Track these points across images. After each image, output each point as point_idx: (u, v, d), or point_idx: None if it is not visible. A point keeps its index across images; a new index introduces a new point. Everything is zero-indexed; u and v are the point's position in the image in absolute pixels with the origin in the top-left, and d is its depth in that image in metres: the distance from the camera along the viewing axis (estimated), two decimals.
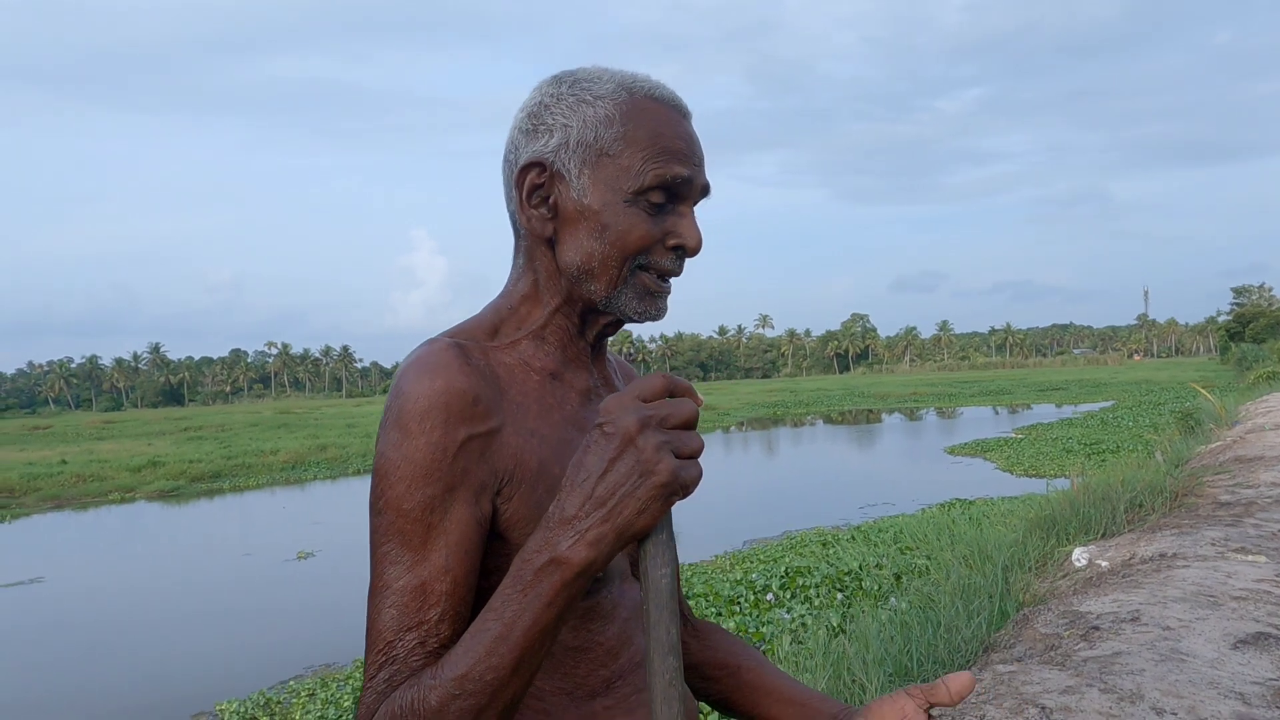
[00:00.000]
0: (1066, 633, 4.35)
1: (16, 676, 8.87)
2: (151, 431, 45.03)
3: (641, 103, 0.92)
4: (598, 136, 0.91)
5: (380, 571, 0.83)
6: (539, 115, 0.93)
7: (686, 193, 0.93)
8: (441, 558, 0.82)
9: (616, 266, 0.91)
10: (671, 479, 0.75)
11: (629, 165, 0.90)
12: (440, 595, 0.82)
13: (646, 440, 0.75)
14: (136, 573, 13.93)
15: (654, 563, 0.80)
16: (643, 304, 0.93)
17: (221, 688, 7.87)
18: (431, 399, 0.83)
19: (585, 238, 0.91)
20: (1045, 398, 47.94)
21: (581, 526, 0.75)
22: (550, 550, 0.76)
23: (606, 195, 0.90)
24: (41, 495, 24.41)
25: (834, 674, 3.98)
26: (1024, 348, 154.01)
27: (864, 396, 56.92)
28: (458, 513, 0.83)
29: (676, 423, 0.77)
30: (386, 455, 0.83)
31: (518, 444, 0.88)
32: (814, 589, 8.06)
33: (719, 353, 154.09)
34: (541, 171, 0.92)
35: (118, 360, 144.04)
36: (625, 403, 0.77)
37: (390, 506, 0.82)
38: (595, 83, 0.93)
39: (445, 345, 0.88)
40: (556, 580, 0.75)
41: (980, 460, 21.00)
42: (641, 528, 0.76)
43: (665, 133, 0.92)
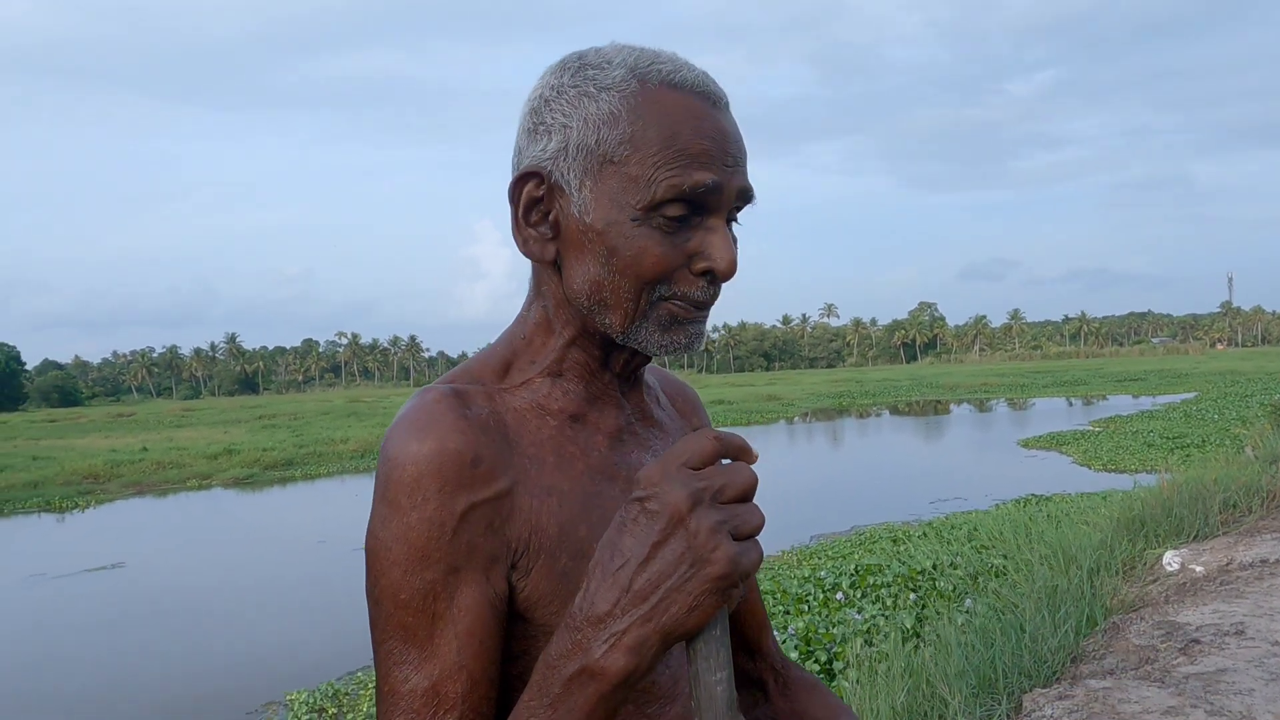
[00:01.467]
0: (1163, 645, 4.09)
1: (97, 659, 9.14)
2: (228, 419, 46.38)
3: (656, 93, 0.74)
4: (600, 139, 0.74)
5: (386, 673, 0.71)
6: (540, 111, 0.78)
7: (715, 203, 0.75)
8: (452, 653, 0.70)
9: (631, 299, 0.75)
10: (730, 569, 0.62)
11: (638, 174, 0.73)
12: (456, 698, 0.70)
13: (700, 521, 0.62)
14: (212, 559, 14.29)
15: (706, 665, 0.67)
16: (667, 336, 0.77)
17: (291, 677, 7.98)
18: (421, 465, 0.70)
19: (591, 264, 0.75)
20: (1122, 389, 46.37)
21: (617, 628, 0.62)
22: (581, 657, 0.63)
23: (611, 213, 0.74)
24: (124, 481, 25.30)
25: (913, 685, 3.79)
26: (1099, 337, 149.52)
27: (932, 387, 55.80)
28: (465, 597, 0.70)
29: (733, 495, 0.64)
30: (376, 536, 0.71)
31: (532, 506, 0.74)
32: (885, 588, 7.83)
33: (783, 342, 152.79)
34: (540, 183, 0.77)
35: (196, 350, 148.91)
36: (671, 472, 0.63)
37: (386, 596, 0.70)
38: (602, 69, 0.76)
39: (438, 396, 0.74)
40: (591, 694, 0.63)
41: (1055, 454, 20.35)
42: (692, 627, 0.63)
43: (684, 131, 0.73)
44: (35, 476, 25.26)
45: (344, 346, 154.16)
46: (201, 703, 7.72)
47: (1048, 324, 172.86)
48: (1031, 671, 4.11)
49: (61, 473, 25.75)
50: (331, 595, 11.35)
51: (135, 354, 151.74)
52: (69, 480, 25.14)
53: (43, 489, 24.03)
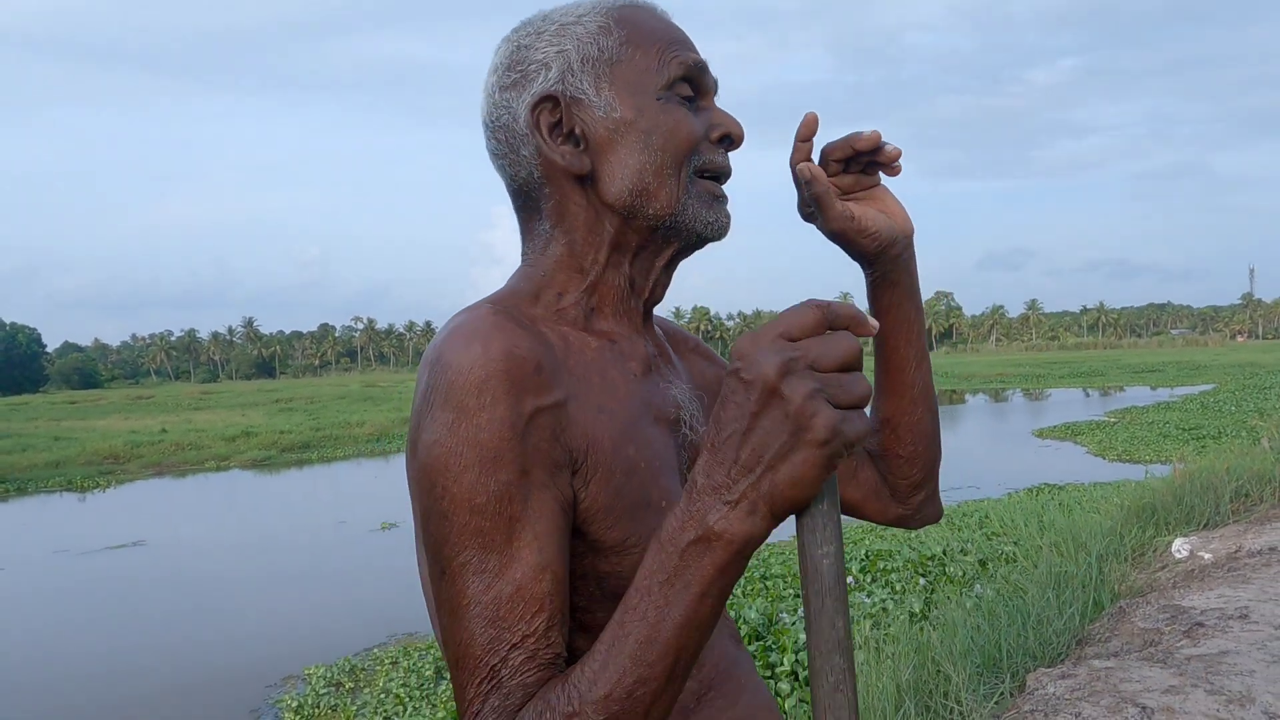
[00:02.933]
0: (1168, 628, 4.14)
1: (119, 633, 9.34)
2: (245, 402, 46.81)
3: (626, 9, 0.83)
4: (601, 48, 0.81)
5: (461, 587, 0.68)
6: (520, 61, 0.83)
7: (707, 83, 0.84)
8: (534, 554, 0.69)
9: (674, 173, 0.81)
10: (831, 435, 0.59)
11: (647, 63, 0.81)
12: (543, 597, 0.69)
13: (793, 388, 0.59)
14: (230, 538, 14.50)
15: (813, 539, 0.64)
16: (712, 212, 0.83)
17: (310, 652, 8.13)
18: (489, 367, 0.69)
19: (630, 154, 0.80)
20: (1140, 380, 46.11)
21: (731, 496, 0.61)
22: (698, 526, 0.61)
23: (638, 99, 0.80)
24: (144, 462, 25.64)
25: (918, 663, 3.86)
26: (1118, 328, 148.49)
27: (947, 376, 55.62)
28: (539, 499, 0.70)
29: (831, 364, 0.61)
30: (441, 443, 0.69)
31: (586, 421, 0.75)
32: (895, 573, 7.89)
33: None
34: (555, 106, 0.81)
35: (214, 334, 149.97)
36: (763, 341, 0.61)
37: (458, 505, 0.68)
38: (568, 9, 0.84)
39: (489, 310, 0.75)
40: (709, 562, 0.61)
41: (1070, 444, 20.32)
42: (800, 497, 0.61)
43: (665, 26, 0.84)
44: (57, 456, 25.64)
45: (360, 331, 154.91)
46: (222, 675, 7.89)
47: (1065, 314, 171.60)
48: (1036, 652, 4.17)
49: (82, 453, 26.12)
50: (348, 574, 11.51)
51: (154, 337, 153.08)
52: (90, 460, 25.50)
53: (64, 469, 24.39)
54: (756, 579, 8.25)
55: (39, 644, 9.21)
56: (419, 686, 6.95)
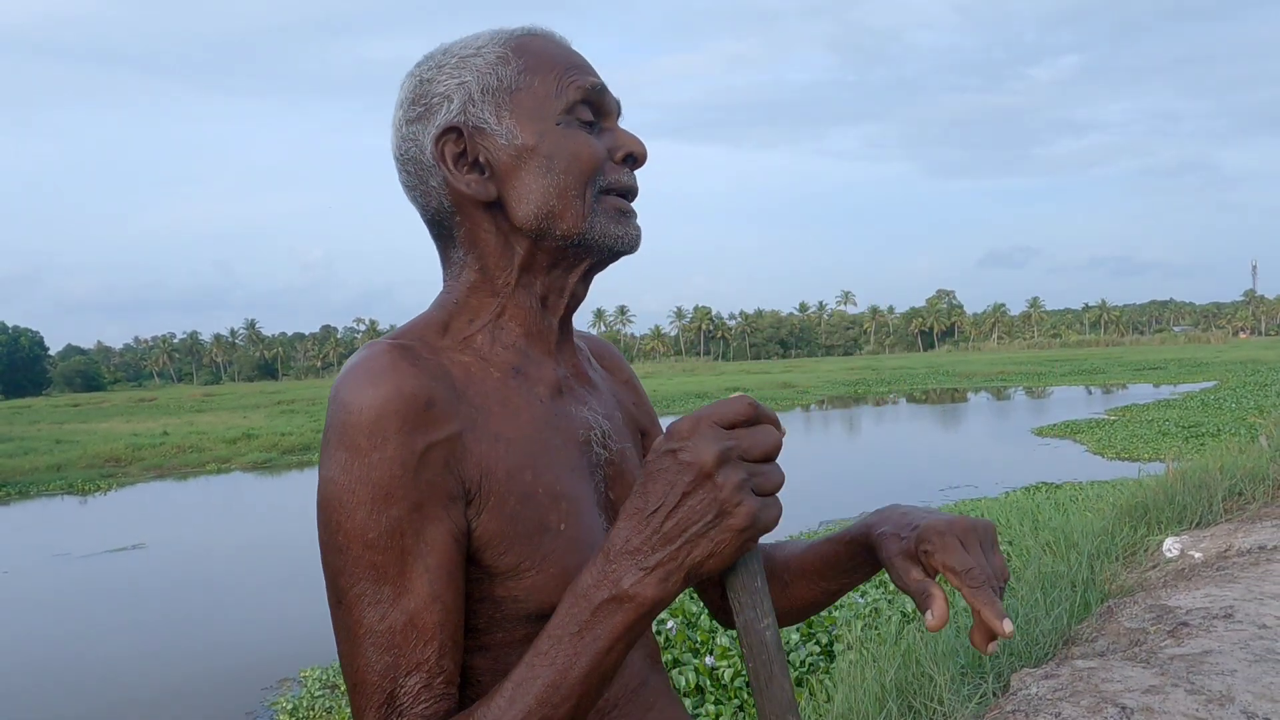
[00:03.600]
0: (1153, 628, 4.15)
1: (118, 636, 9.37)
2: (247, 404, 46.88)
3: (523, 39, 0.86)
4: (500, 77, 0.84)
5: (357, 617, 0.72)
6: (423, 95, 0.85)
7: (607, 106, 0.87)
8: (425, 585, 0.72)
9: (579, 194, 0.83)
10: (751, 523, 0.67)
11: (546, 89, 0.83)
12: (434, 627, 0.72)
13: (726, 476, 0.66)
14: (231, 541, 14.54)
15: (754, 614, 0.72)
16: (620, 227, 0.85)
17: (306, 654, 8.15)
18: (380, 408, 0.72)
19: (535, 179, 0.82)
20: (1142, 377, 46.07)
21: (648, 561, 0.67)
22: (612, 586, 0.68)
23: (539, 125, 0.83)
24: (145, 464, 25.69)
25: (903, 664, 3.88)
26: (1120, 325, 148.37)
27: (949, 375, 55.60)
28: (432, 532, 0.73)
29: (759, 454, 0.69)
30: (335, 480, 0.72)
31: (482, 451, 0.77)
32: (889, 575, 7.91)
33: (799, 329, 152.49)
34: (459, 136, 0.83)
35: (216, 336, 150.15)
36: (703, 428, 0.67)
37: (352, 539, 0.71)
38: (467, 41, 0.87)
39: (386, 348, 0.77)
40: (619, 620, 0.68)
41: (1069, 442, 20.32)
42: (712, 569, 0.68)
43: (561, 52, 0.86)
44: (58, 459, 25.69)
45: (361, 333, 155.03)
46: (219, 678, 7.92)
47: (1068, 312, 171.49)
48: (1022, 652, 4.19)
49: (84, 456, 26.17)
50: None
51: (157, 339, 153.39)
52: (91, 463, 25.55)
53: (66, 471, 24.44)
54: None
55: (38, 648, 9.25)
56: None
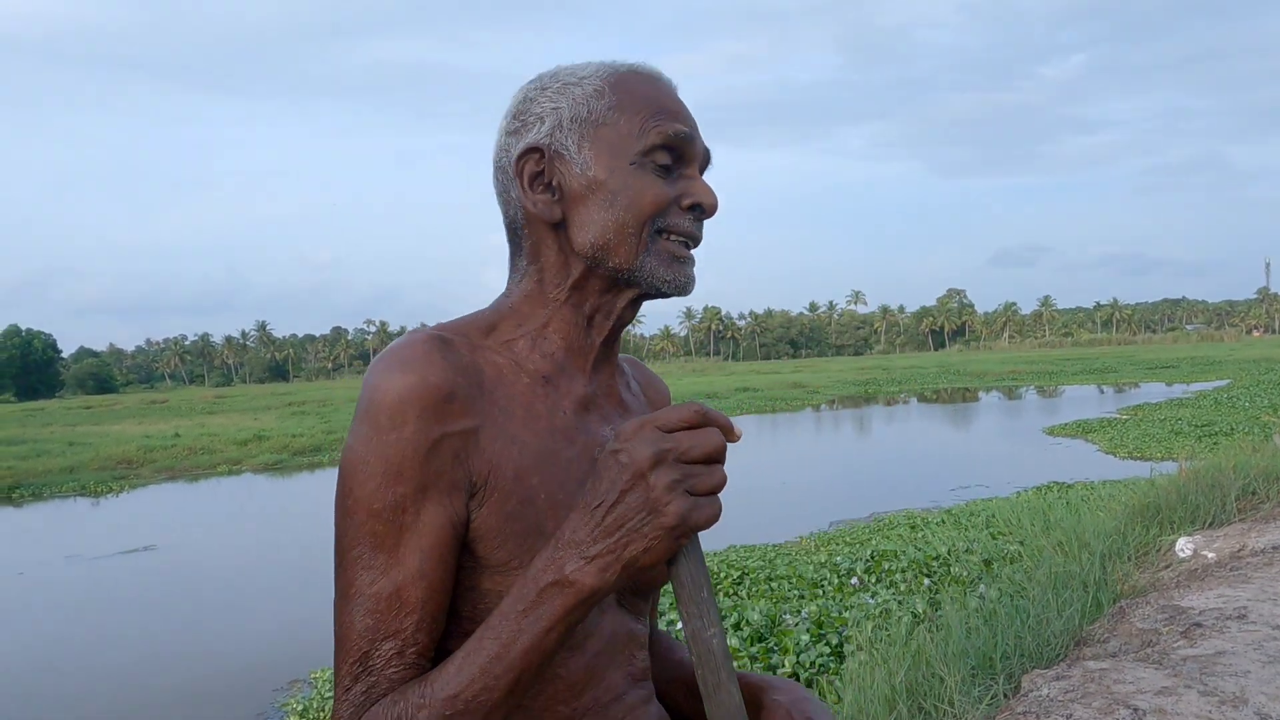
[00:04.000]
0: (1165, 629, 4.12)
1: (129, 637, 9.41)
2: (258, 406, 47.04)
3: (626, 75, 0.90)
4: (590, 110, 0.88)
5: (351, 577, 0.80)
6: (524, 111, 0.91)
7: (691, 154, 0.90)
8: (415, 561, 0.79)
9: (635, 233, 0.87)
10: (679, 522, 0.72)
11: (629, 129, 0.87)
12: (416, 602, 0.78)
13: (658, 477, 0.72)
14: (241, 543, 14.58)
15: (701, 624, 0.75)
16: (670, 270, 0.88)
17: (316, 655, 8.16)
18: (403, 393, 0.78)
19: (598, 210, 0.87)
20: (1154, 376, 45.80)
21: (589, 552, 0.73)
22: (556, 571, 0.74)
23: (611, 162, 0.87)
24: (157, 466, 25.79)
25: (913, 665, 3.85)
26: (1132, 324, 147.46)
27: (960, 374, 55.41)
28: (431, 514, 0.79)
29: (697, 456, 0.73)
30: (355, 450, 0.80)
31: (495, 449, 0.83)
32: (900, 574, 7.87)
33: (810, 329, 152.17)
34: (540, 157, 0.89)
35: (227, 338, 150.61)
36: (644, 432, 0.73)
37: (360, 506, 0.79)
38: (576, 69, 0.92)
39: (425, 338, 0.83)
40: (559, 604, 0.74)
41: (1081, 441, 20.21)
42: (647, 564, 0.74)
43: (657, 95, 0.90)
44: (71, 461, 25.82)
45: (372, 334, 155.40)
46: (230, 679, 7.94)
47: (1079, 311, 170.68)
48: (1034, 653, 4.16)
49: (96, 458, 26.30)
50: None
51: (168, 342, 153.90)
52: (104, 465, 25.67)
53: (78, 473, 24.56)
54: (762, 579, 8.25)
55: (51, 648, 9.29)
56: None
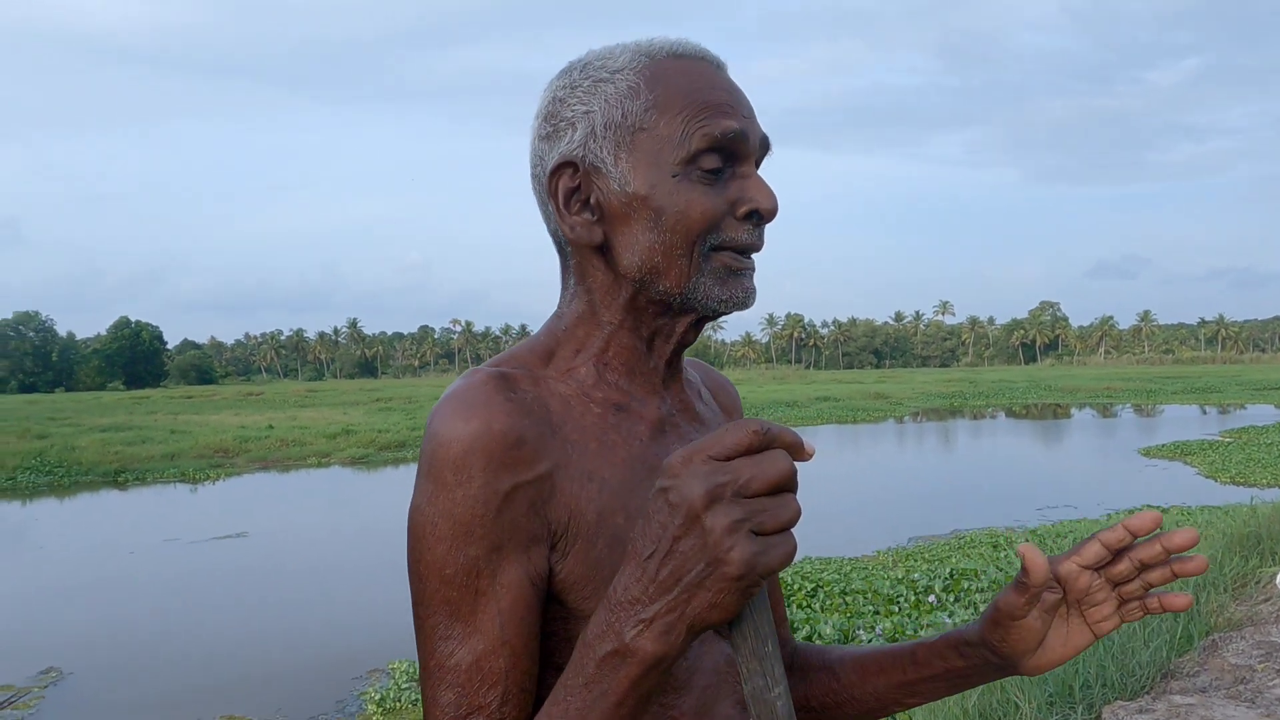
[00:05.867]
0: (1261, 665, 3.93)
1: (219, 620, 9.81)
2: (347, 401, 48.49)
3: (665, 63, 0.79)
4: (626, 112, 0.78)
5: (430, 648, 0.73)
6: (554, 114, 0.81)
7: (744, 150, 0.79)
8: (495, 628, 0.72)
9: (684, 254, 0.77)
10: (746, 571, 0.60)
11: (669, 133, 0.77)
12: (499, 673, 0.72)
13: (715, 518, 0.59)
14: (326, 534, 15.07)
15: (763, 682, 0.66)
16: (726, 289, 0.79)
17: (394, 647, 8.38)
18: (468, 444, 0.71)
19: (641, 231, 0.78)
20: (1262, 398, 43.55)
21: (645, 614, 0.62)
22: (614, 639, 0.63)
23: (651, 175, 0.77)
24: (251, 456, 26.81)
25: (988, 689, 3.77)
26: (1239, 341, 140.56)
27: (1051, 390, 53.65)
28: (508, 574, 0.72)
29: (762, 486, 0.60)
30: (421, 510, 0.73)
31: (572, 491, 0.76)
32: (979, 593, 7.69)
33: (894, 339, 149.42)
34: (575, 172, 0.80)
35: (320, 334, 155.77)
36: (694, 464, 0.61)
37: (431, 572, 0.72)
38: (608, 58, 0.81)
39: (485, 377, 0.76)
40: (624, 675, 0.63)
41: (1179, 464, 19.36)
42: (716, 621, 0.62)
43: (701, 86, 0.78)
44: (172, 449, 27.04)
45: (458, 334, 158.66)
46: (313, 665, 8.21)
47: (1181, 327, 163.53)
48: (1117, 684, 4.02)
49: (195, 446, 27.50)
50: None
51: (265, 336, 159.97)
52: (202, 454, 26.82)
53: (178, 461, 25.72)
54: (836, 593, 8.16)
55: (148, 625, 9.76)
56: None
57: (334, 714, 7.14)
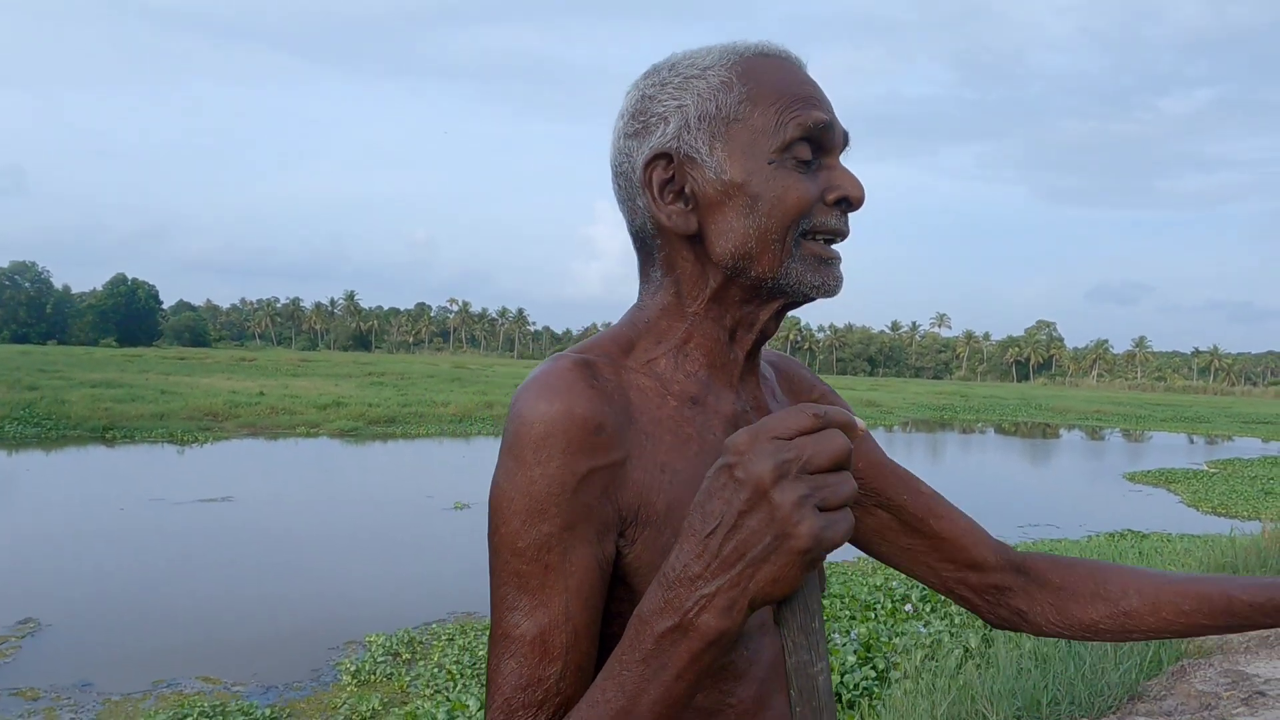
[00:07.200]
0: (1226, 693, 3.99)
1: (200, 582, 9.84)
2: (339, 373, 48.43)
3: (754, 60, 0.83)
4: (720, 105, 0.81)
5: (499, 617, 0.76)
6: (643, 111, 0.84)
7: (831, 141, 0.82)
8: (561, 604, 0.74)
9: (779, 239, 0.80)
10: (813, 544, 0.62)
11: (764, 123, 0.80)
12: (561, 648, 0.74)
13: (784, 494, 0.61)
14: (311, 504, 15.09)
15: (808, 657, 0.67)
16: (818, 275, 0.82)
17: (372, 620, 8.43)
18: (549, 425, 0.74)
19: (736, 217, 0.81)
20: (1250, 430, 43.75)
21: (707, 590, 0.63)
22: (673, 615, 0.64)
23: (748, 163, 0.80)
24: (240, 422, 26.81)
25: (958, 698, 3.82)
26: (1232, 374, 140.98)
27: (1041, 409, 53.83)
28: (577, 554, 0.74)
29: (823, 463, 0.63)
30: (500, 486, 0.75)
31: (644, 480, 0.78)
32: (956, 606, 7.74)
33: (889, 349, 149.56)
34: (669, 163, 0.82)
35: (317, 304, 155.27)
36: (760, 442, 0.63)
37: (504, 545, 0.75)
38: (696, 58, 0.84)
39: (570, 363, 0.78)
40: (684, 650, 0.64)
41: (1163, 491, 19.49)
42: (778, 596, 0.64)
43: (791, 80, 0.82)
44: (162, 409, 27.01)
45: (454, 313, 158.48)
46: (289, 633, 8.25)
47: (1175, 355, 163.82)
48: (1085, 703, 4.07)
49: (185, 408, 27.47)
50: (417, 548, 11.87)
51: (261, 303, 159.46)
52: (191, 416, 26.80)
53: (168, 421, 25.70)
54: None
55: (129, 582, 9.79)
56: (471, 665, 7.15)
57: (309, 683, 7.17)
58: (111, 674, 7.22)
